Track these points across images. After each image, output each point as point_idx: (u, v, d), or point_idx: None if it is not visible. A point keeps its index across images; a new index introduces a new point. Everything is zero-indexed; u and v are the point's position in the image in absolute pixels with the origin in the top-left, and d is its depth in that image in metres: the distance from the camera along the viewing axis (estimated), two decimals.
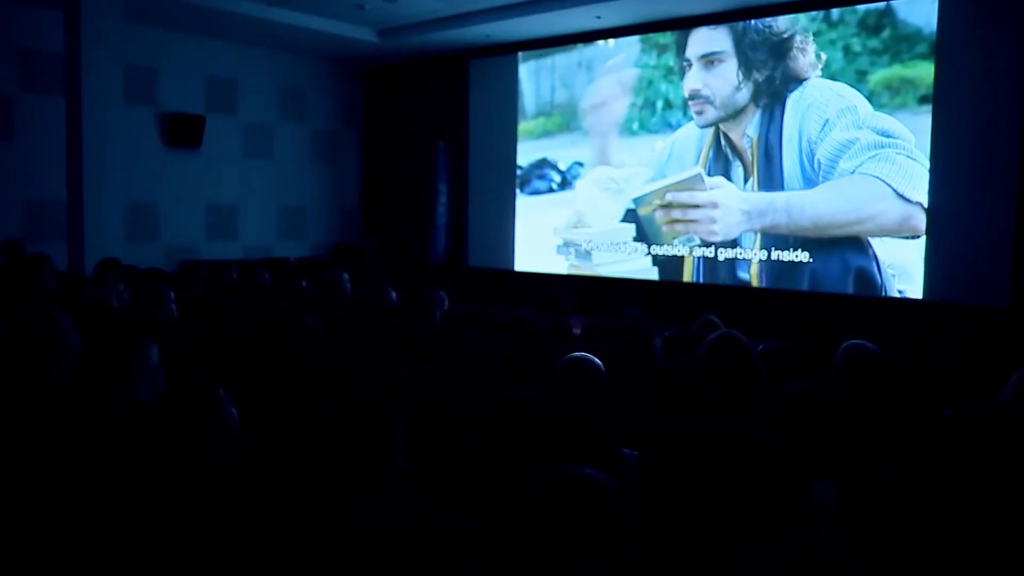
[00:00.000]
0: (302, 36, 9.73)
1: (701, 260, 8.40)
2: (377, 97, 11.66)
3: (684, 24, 8.42)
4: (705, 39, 8.25)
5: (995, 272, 6.68)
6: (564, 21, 8.81)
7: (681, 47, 8.43)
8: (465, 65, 10.44)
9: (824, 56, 7.50)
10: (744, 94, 7.98)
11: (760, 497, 2.39)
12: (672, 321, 5.52)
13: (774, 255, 7.92)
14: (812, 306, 7.61)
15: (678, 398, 3.13)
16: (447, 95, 10.70)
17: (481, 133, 10.41)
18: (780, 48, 7.76)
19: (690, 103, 8.36)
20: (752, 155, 7.94)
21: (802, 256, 7.73)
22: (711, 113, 8.21)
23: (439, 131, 10.67)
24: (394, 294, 5.38)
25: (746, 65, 7.96)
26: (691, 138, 8.41)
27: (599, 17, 8.58)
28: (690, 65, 8.36)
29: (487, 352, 3.55)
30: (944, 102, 6.89)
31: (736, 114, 8.04)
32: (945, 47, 6.88)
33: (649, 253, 8.78)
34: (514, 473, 2.40)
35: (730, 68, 8.07)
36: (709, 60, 8.21)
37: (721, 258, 8.27)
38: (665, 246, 8.62)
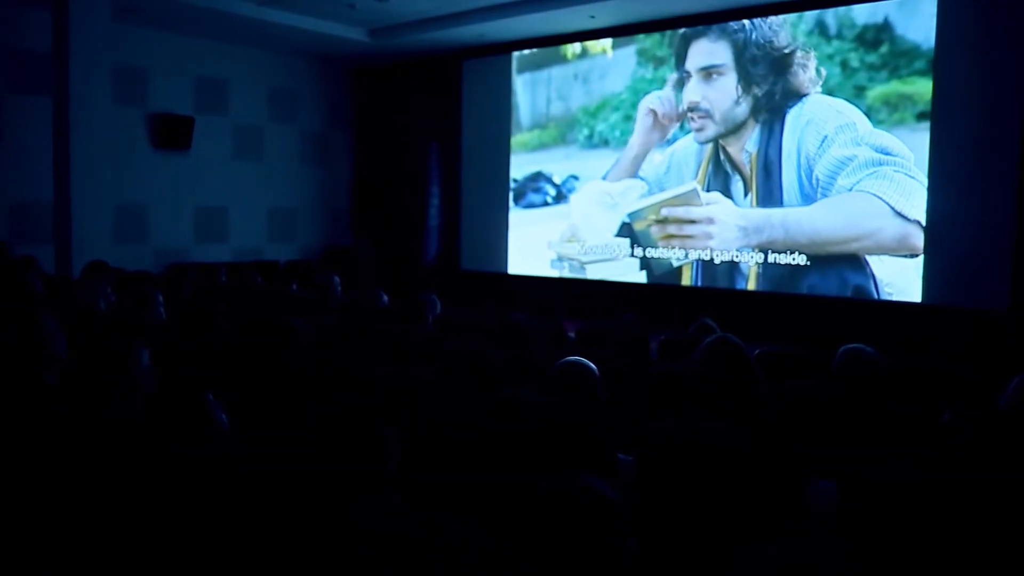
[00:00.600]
0: (292, 36, 9.68)
1: (699, 264, 8.37)
2: (369, 98, 11.60)
3: (678, 24, 8.39)
4: (705, 51, 8.22)
5: (994, 275, 6.66)
6: (558, 21, 8.77)
7: (681, 58, 8.40)
8: (458, 65, 10.39)
9: (824, 72, 7.47)
10: (743, 108, 7.96)
11: (757, 501, 2.38)
12: (668, 325, 5.50)
13: (771, 258, 7.91)
14: (809, 310, 7.59)
15: (674, 402, 3.12)
16: (440, 96, 10.65)
17: (474, 134, 10.37)
18: (780, 63, 7.73)
19: (689, 116, 8.33)
20: (751, 170, 7.92)
21: (799, 259, 7.71)
22: (711, 129, 8.18)
23: (432, 132, 10.63)
24: (386, 297, 5.36)
25: (746, 79, 7.94)
26: (689, 151, 8.39)
27: (593, 17, 8.54)
28: (689, 77, 8.33)
29: (481, 356, 3.53)
30: (945, 103, 6.87)
31: (736, 129, 8.02)
32: (945, 53, 6.85)
33: (643, 268, 8.75)
34: (508, 478, 2.38)
35: (730, 82, 8.05)
36: (708, 73, 8.18)
37: (718, 261, 8.24)
38: (660, 252, 8.58)
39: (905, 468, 2.24)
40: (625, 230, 8.89)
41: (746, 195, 7.99)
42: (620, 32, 8.90)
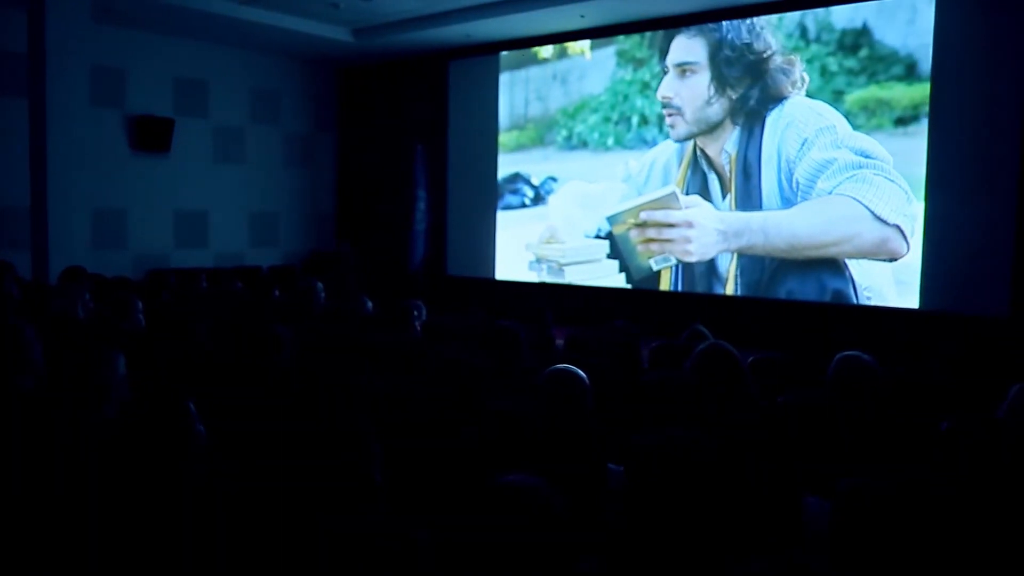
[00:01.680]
0: (274, 36, 9.60)
1: (678, 268, 8.34)
2: (353, 99, 11.52)
3: (667, 24, 8.35)
4: (682, 47, 8.21)
5: (994, 281, 6.59)
6: (547, 20, 8.72)
7: (664, 52, 8.38)
8: (445, 66, 10.32)
9: (807, 78, 7.45)
10: (716, 109, 7.93)
11: (752, 514, 2.33)
12: (652, 330, 5.46)
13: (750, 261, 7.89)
14: (801, 316, 7.53)
15: (666, 411, 3.06)
16: (426, 97, 10.59)
17: (461, 136, 10.30)
18: (757, 67, 7.70)
19: (664, 112, 8.32)
20: (730, 171, 7.89)
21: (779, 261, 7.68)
22: (682, 127, 8.17)
23: (417, 134, 10.54)
24: (370, 304, 5.29)
25: (719, 80, 7.91)
26: (669, 154, 8.36)
27: (583, 16, 8.49)
28: (667, 72, 8.32)
29: (467, 364, 3.48)
30: (943, 106, 6.82)
31: (711, 129, 7.99)
32: (943, 55, 6.80)
33: (623, 271, 8.69)
34: (496, 487, 2.33)
35: (702, 80, 8.03)
36: (683, 69, 8.17)
37: (696, 264, 8.20)
38: (639, 255, 8.52)
39: (902, 480, 2.19)
40: (604, 232, 8.84)
41: (724, 197, 7.96)
42: (608, 32, 8.84)
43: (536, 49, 9.47)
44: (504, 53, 9.75)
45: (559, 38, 9.27)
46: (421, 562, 1.75)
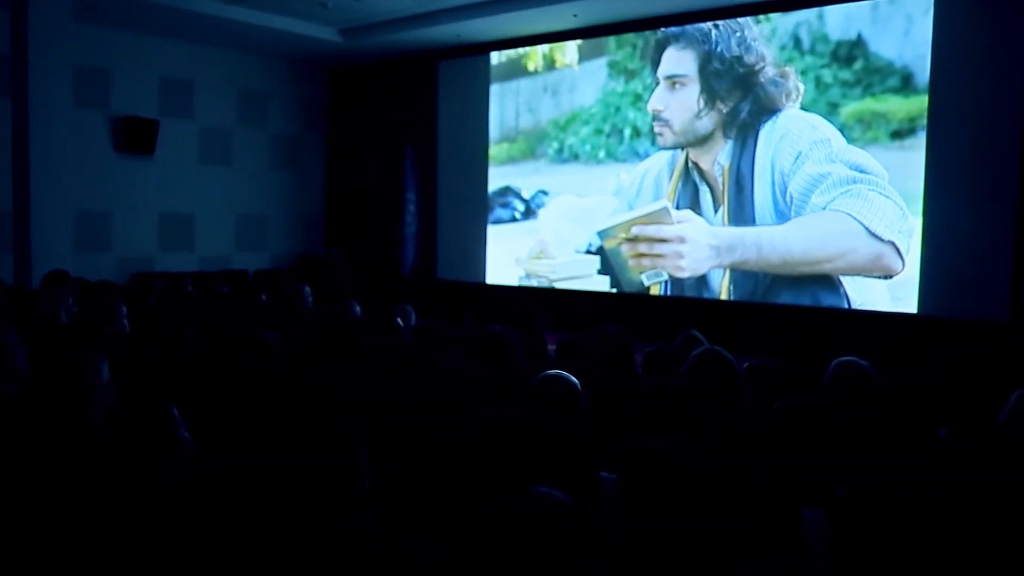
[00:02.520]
0: (261, 36, 9.54)
1: (669, 283, 8.29)
2: (341, 100, 11.46)
3: (660, 24, 8.30)
4: (672, 59, 8.17)
5: (993, 285, 6.55)
6: (539, 20, 8.67)
7: (656, 64, 8.33)
8: (434, 66, 10.27)
9: (802, 88, 7.40)
10: (706, 122, 7.89)
11: (747, 523, 2.30)
12: (646, 336, 5.44)
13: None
14: (796, 321, 7.47)
15: (661, 417, 3.04)
16: (415, 98, 10.53)
17: (451, 138, 10.24)
18: (746, 80, 7.66)
19: (654, 123, 8.29)
20: (723, 184, 7.84)
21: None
22: (670, 137, 8.14)
23: (407, 136, 10.50)
24: (359, 308, 5.26)
25: (709, 92, 7.87)
26: (661, 167, 8.33)
27: (576, 16, 8.44)
28: (658, 84, 8.30)
29: (457, 369, 3.45)
30: (941, 118, 6.77)
31: (701, 141, 7.95)
32: (942, 63, 6.76)
33: (614, 286, 8.65)
34: (485, 496, 2.30)
35: (692, 93, 7.99)
36: (673, 82, 8.14)
37: (688, 280, 8.17)
38: (630, 270, 8.46)
39: (900, 487, 2.17)
40: (595, 247, 8.79)
41: (716, 210, 7.90)
42: (600, 32, 8.79)
43: (526, 61, 9.42)
44: (495, 63, 9.69)
45: (550, 38, 9.21)
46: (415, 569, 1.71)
